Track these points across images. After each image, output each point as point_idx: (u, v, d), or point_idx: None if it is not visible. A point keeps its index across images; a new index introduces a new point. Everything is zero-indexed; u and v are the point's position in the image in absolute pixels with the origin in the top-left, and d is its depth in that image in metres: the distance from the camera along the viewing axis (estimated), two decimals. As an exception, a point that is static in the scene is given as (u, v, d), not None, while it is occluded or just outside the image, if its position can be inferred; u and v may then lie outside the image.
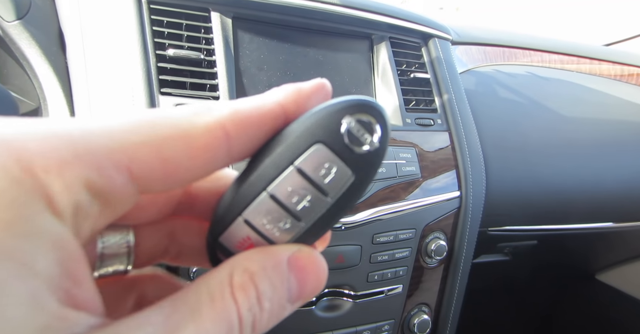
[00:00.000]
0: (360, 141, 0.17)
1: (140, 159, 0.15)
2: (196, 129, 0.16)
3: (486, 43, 0.94)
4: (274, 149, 0.18)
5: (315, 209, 0.17)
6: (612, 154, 0.88)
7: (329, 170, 0.17)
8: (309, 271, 0.18)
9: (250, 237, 0.18)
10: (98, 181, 0.14)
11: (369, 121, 0.17)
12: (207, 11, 0.56)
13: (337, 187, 0.17)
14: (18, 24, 0.47)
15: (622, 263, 1.07)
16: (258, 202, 0.17)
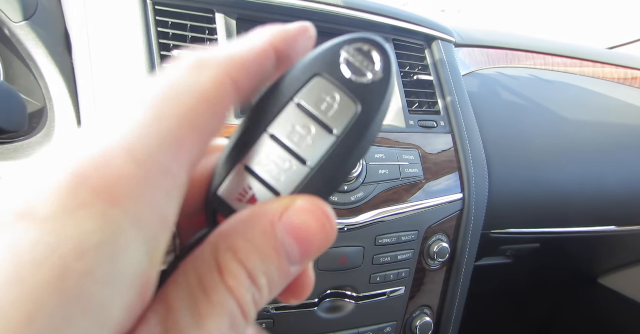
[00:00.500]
0: (361, 70, 0.16)
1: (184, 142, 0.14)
2: (209, 88, 0.15)
3: (489, 45, 0.94)
4: (273, 90, 0.17)
5: (320, 147, 0.16)
6: (615, 158, 0.88)
7: (331, 102, 0.16)
8: (309, 227, 0.15)
9: (252, 187, 0.16)
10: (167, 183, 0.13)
11: (369, 50, 0.16)
12: (212, 12, 0.56)
13: (341, 121, 0.16)
14: (25, 25, 0.47)
15: (624, 267, 1.07)
16: (258, 145, 0.16)
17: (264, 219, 0.15)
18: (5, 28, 0.47)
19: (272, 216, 0.15)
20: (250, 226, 0.15)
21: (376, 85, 0.16)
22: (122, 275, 0.12)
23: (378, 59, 0.16)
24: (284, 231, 0.15)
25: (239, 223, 0.15)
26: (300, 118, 0.16)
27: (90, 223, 0.11)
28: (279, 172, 0.16)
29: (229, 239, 0.15)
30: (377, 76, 0.16)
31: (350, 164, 0.16)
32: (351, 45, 0.16)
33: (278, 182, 0.16)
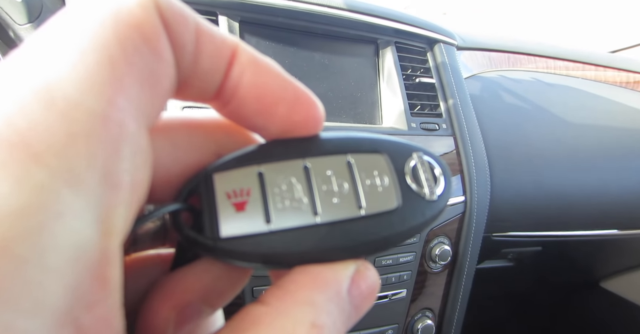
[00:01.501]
0: (421, 181, 0.15)
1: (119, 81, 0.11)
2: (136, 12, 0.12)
3: (491, 49, 0.94)
4: (332, 137, 0.16)
5: (339, 212, 0.14)
6: (617, 161, 0.88)
7: (379, 182, 0.15)
8: (368, 297, 0.15)
9: (250, 193, 0.14)
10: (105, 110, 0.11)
11: (435, 168, 0.16)
12: (215, 15, 0.57)
13: (375, 204, 0.15)
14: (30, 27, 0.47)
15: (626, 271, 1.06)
16: (288, 164, 0.15)
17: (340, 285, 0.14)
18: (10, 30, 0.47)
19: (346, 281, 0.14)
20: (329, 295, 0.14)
21: (426, 203, 0.15)
22: (55, 248, 0.09)
23: (442, 183, 0.16)
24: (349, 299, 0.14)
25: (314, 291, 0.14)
26: (342, 174, 0.15)
27: (5, 186, 0.09)
28: (286, 204, 0.14)
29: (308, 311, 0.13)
30: (433, 197, 0.15)
31: (349, 249, 0.15)
32: (425, 156, 0.16)
33: (277, 211, 0.14)
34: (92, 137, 0.10)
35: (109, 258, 0.11)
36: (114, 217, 0.11)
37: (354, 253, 0.15)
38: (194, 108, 0.52)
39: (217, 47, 0.14)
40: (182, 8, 0.13)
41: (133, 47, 0.11)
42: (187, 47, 0.13)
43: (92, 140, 0.10)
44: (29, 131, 0.10)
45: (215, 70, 0.14)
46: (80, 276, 0.10)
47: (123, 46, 0.11)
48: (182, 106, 0.52)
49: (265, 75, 0.15)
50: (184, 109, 0.52)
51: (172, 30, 0.13)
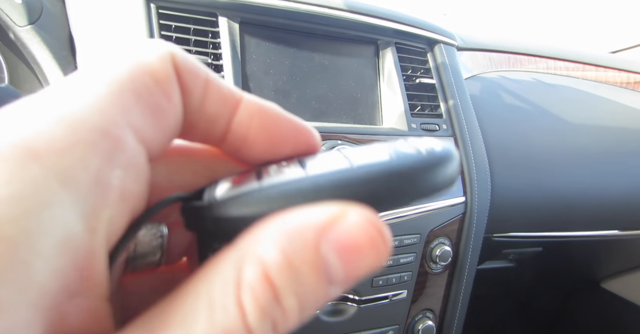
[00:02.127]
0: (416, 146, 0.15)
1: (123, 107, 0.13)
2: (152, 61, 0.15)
3: (491, 49, 0.94)
4: None
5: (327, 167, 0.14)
6: (617, 162, 0.88)
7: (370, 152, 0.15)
8: (360, 247, 0.12)
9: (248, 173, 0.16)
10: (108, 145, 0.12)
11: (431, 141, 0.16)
12: (215, 16, 0.57)
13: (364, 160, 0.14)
14: (30, 29, 0.47)
15: (627, 271, 1.06)
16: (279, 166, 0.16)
17: (307, 229, 0.12)
18: (11, 32, 0.47)
19: (318, 227, 0.12)
20: (289, 235, 0.12)
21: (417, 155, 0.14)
22: (43, 233, 0.10)
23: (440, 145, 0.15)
24: (329, 249, 0.12)
25: (275, 229, 0.12)
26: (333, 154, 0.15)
27: (2, 176, 0.10)
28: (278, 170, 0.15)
29: (261, 249, 0.12)
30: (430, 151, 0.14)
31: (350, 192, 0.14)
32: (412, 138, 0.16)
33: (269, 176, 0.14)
34: (90, 145, 0.12)
35: (93, 253, 0.12)
36: (100, 216, 0.12)
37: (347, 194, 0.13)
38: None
39: (223, 96, 0.16)
40: (195, 63, 0.16)
41: (144, 86, 0.14)
42: (196, 93, 0.16)
43: (89, 148, 0.12)
44: (35, 137, 0.11)
45: (220, 116, 0.17)
46: (65, 264, 0.11)
47: (134, 84, 0.14)
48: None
49: (272, 120, 0.17)
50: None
51: (183, 79, 0.15)
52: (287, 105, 0.60)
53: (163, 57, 0.15)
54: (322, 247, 0.12)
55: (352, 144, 0.58)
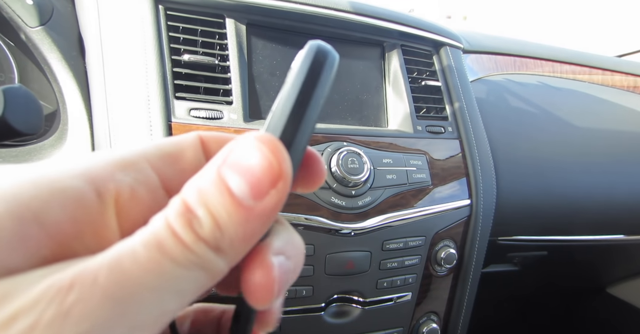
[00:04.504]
0: None
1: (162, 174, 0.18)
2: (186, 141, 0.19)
3: (497, 52, 0.94)
4: None
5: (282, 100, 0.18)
6: (624, 166, 0.88)
7: None
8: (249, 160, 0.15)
9: None
10: None
11: None
12: (222, 18, 0.57)
13: None
14: (41, 30, 0.48)
15: (633, 277, 1.05)
16: None
17: (212, 163, 0.16)
18: (22, 33, 0.48)
19: (220, 158, 0.16)
20: (201, 172, 0.16)
21: None
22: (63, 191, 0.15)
23: None
24: (227, 168, 0.15)
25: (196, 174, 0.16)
26: None
27: None
28: None
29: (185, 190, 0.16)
30: None
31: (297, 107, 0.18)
32: None
33: None
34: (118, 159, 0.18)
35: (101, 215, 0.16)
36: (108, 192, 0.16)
37: None
38: (200, 109, 0.52)
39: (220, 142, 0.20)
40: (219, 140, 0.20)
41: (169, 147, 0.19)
42: None
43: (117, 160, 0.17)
44: None
45: None
46: None
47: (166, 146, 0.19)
48: (189, 107, 0.52)
49: None
50: (191, 110, 0.52)
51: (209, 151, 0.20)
52: (293, 106, 0.60)
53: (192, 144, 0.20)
54: (222, 169, 0.15)
55: (356, 146, 0.58)
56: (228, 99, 0.54)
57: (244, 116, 0.54)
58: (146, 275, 0.13)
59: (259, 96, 0.58)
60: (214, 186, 0.15)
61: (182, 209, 0.15)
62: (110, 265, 0.13)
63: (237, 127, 0.53)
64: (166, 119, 0.50)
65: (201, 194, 0.15)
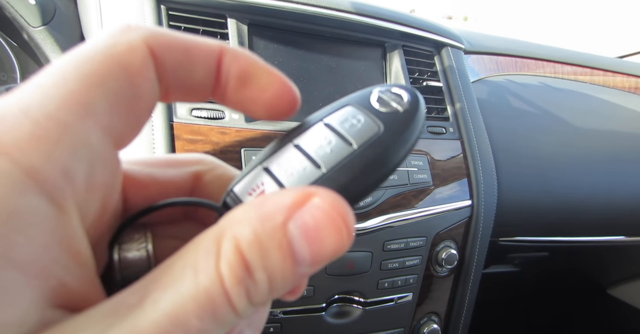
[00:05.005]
0: (389, 103, 0.17)
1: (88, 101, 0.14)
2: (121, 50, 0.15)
3: (498, 53, 0.94)
4: (308, 117, 0.18)
5: (336, 156, 0.16)
6: (626, 167, 0.88)
7: (356, 123, 0.17)
8: (323, 230, 0.14)
9: (264, 183, 0.17)
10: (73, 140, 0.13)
11: (399, 93, 0.17)
12: (224, 18, 0.57)
13: (362, 137, 0.16)
14: (43, 30, 0.48)
15: (634, 278, 1.05)
16: (282, 150, 0.17)
17: (276, 211, 0.14)
18: (24, 33, 0.48)
19: (285, 208, 0.14)
20: (261, 216, 0.14)
21: (402, 114, 0.17)
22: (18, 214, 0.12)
23: (406, 96, 0.17)
24: (295, 229, 0.14)
25: (250, 210, 0.14)
26: (325, 133, 0.17)
27: None
28: (293, 173, 0.16)
29: (236, 226, 0.14)
30: (404, 107, 0.17)
31: (365, 177, 0.16)
32: (384, 87, 0.18)
33: (290, 181, 0.16)
34: (54, 141, 0.13)
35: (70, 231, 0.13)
36: (67, 202, 0.13)
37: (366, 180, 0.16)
38: (201, 109, 0.52)
39: (206, 54, 0.17)
40: (170, 39, 0.16)
41: (113, 79, 0.15)
42: (179, 67, 0.16)
43: (54, 143, 0.13)
44: (2, 133, 0.12)
45: (209, 74, 0.17)
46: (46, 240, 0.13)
47: (103, 78, 0.14)
48: (190, 108, 0.52)
49: (248, 67, 0.18)
50: (193, 110, 0.52)
51: (162, 60, 0.16)
52: (295, 107, 0.60)
53: (134, 46, 0.15)
54: (289, 227, 0.14)
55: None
56: (229, 99, 0.55)
57: (246, 116, 0.55)
58: None
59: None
60: (278, 249, 0.13)
61: (239, 268, 0.13)
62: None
63: (238, 127, 0.53)
64: (168, 119, 0.50)
65: (263, 255, 0.13)
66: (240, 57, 0.18)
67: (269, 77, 0.18)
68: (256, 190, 0.17)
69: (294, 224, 0.14)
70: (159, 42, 0.16)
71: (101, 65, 0.14)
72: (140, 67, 0.15)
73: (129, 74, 0.15)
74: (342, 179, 0.16)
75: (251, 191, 0.17)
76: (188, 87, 0.17)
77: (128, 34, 0.15)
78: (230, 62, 0.17)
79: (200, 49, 0.17)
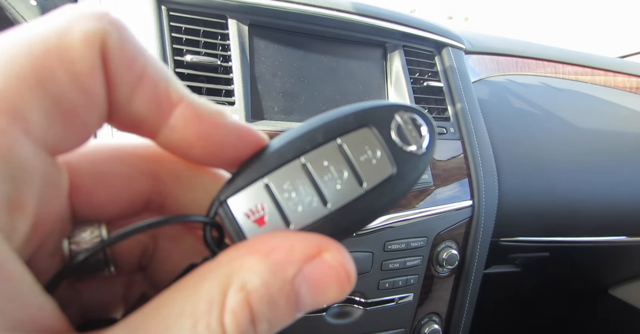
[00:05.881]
0: (408, 140, 0.16)
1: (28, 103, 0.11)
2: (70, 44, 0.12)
3: (499, 53, 0.94)
4: (317, 123, 0.16)
5: (346, 195, 0.15)
6: (627, 167, 0.87)
7: (371, 157, 0.16)
8: (328, 285, 0.14)
9: (265, 208, 0.16)
10: None
11: (420, 124, 0.17)
12: (225, 18, 0.57)
13: (375, 177, 0.16)
14: (44, 29, 0.48)
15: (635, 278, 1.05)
16: (287, 168, 0.16)
17: (287, 264, 0.14)
18: (25, 33, 0.48)
19: (297, 262, 0.14)
20: (272, 267, 0.13)
21: (417, 157, 0.16)
22: None
23: (427, 135, 0.17)
24: (302, 282, 0.14)
25: (259, 258, 0.14)
26: (338, 160, 0.16)
27: None
28: (298, 203, 0.15)
29: (246, 275, 0.13)
30: (421, 150, 0.16)
31: (367, 219, 0.17)
32: (406, 113, 0.17)
33: (294, 213, 0.15)
34: None
35: None
36: None
37: (367, 222, 0.17)
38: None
39: (157, 96, 0.15)
40: (132, 50, 0.14)
41: (53, 79, 0.12)
42: (122, 88, 0.14)
43: None
44: None
45: (149, 117, 0.15)
46: None
47: (40, 76, 0.12)
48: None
49: (210, 128, 0.16)
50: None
51: (110, 69, 0.13)
52: (295, 107, 0.60)
53: (89, 40, 0.12)
54: (297, 280, 0.14)
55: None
56: (230, 100, 0.55)
57: (247, 116, 0.55)
58: None
59: (261, 96, 0.58)
60: (285, 301, 0.14)
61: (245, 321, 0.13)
62: None
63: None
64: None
65: (271, 307, 0.13)
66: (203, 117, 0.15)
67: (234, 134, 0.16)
68: (255, 213, 0.16)
69: (303, 277, 0.14)
70: (118, 47, 0.13)
71: (41, 59, 0.12)
72: (89, 69, 0.13)
73: (75, 75, 0.12)
74: (345, 222, 0.16)
75: (249, 212, 0.16)
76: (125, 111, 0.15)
77: (85, 21, 0.12)
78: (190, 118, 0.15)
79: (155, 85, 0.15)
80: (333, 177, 0.16)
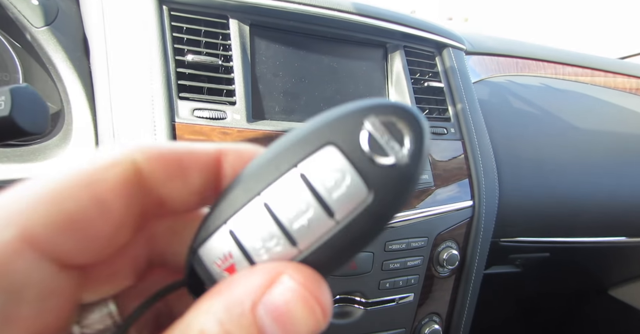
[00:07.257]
0: (384, 149, 0.13)
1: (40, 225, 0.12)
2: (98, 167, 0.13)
3: (500, 54, 0.94)
4: (274, 149, 0.14)
5: (316, 232, 0.13)
6: (626, 168, 0.88)
7: (339, 182, 0.13)
8: (294, 312, 0.13)
9: (232, 255, 0.14)
10: None
11: (399, 128, 0.13)
12: (226, 18, 0.57)
13: (346, 207, 0.13)
14: (46, 30, 0.48)
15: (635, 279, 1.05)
16: (247, 209, 0.14)
17: (243, 295, 0.13)
18: (27, 33, 0.48)
19: (253, 291, 0.13)
20: (227, 304, 0.13)
21: (397, 172, 0.13)
22: None
23: (408, 140, 0.13)
24: (265, 313, 0.12)
25: (215, 298, 0.13)
26: (301, 192, 0.13)
27: None
28: (265, 248, 0.14)
29: (201, 318, 0.13)
30: (403, 161, 0.13)
31: (347, 256, 0.14)
32: (379, 117, 0.13)
33: (260, 259, 0.14)
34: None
35: None
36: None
37: (348, 257, 0.14)
38: (203, 109, 0.52)
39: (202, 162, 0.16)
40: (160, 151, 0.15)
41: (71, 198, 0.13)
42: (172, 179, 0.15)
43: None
44: None
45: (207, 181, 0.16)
46: None
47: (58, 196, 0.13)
48: (193, 108, 0.52)
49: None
50: (195, 110, 0.52)
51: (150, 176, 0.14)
52: (296, 107, 0.60)
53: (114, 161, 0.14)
54: (259, 312, 0.12)
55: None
56: (231, 100, 0.55)
57: (247, 116, 0.55)
58: None
59: (262, 96, 0.58)
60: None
61: None
62: None
63: (240, 128, 0.53)
64: (170, 120, 0.50)
65: None
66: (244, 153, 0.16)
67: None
68: (225, 262, 0.14)
69: (264, 308, 0.12)
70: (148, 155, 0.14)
71: (62, 181, 0.13)
72: (113, 184, 0.13)
73: (95, 193, 0.13)
74: (321, 259, 0.13)
75: (219, 261, 0.14)
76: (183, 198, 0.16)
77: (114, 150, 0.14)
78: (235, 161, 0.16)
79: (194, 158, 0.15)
80: (298, 214, 0.13)
